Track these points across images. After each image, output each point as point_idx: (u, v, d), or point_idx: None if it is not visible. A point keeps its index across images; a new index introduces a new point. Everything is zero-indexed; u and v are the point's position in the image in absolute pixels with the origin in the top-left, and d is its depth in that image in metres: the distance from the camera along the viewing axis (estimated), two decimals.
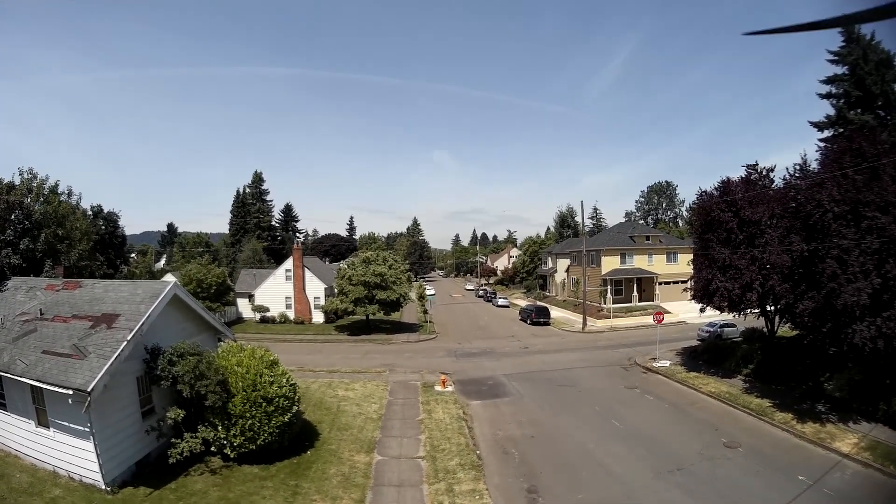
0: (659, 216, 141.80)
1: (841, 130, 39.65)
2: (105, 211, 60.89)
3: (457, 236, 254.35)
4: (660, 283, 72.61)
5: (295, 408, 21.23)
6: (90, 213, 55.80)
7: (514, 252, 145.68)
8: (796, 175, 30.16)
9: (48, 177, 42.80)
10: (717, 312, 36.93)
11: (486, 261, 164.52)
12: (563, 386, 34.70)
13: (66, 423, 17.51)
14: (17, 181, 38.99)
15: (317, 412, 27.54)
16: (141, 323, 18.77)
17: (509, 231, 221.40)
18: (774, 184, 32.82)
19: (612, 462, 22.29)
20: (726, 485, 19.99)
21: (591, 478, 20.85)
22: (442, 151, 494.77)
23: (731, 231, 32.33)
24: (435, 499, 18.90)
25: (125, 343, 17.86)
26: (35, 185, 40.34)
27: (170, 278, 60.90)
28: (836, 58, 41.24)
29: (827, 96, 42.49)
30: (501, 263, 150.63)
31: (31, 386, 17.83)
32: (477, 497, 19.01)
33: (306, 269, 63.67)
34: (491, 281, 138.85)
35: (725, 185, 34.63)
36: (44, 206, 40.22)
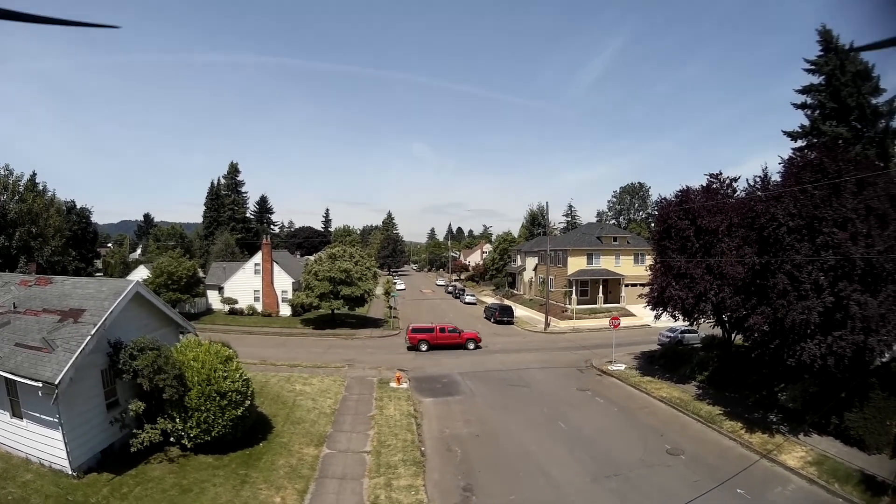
0: (631, 217, 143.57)
1: (814, 141, 39.46)
2: (78, 207, 61.83)
3: (432, 230, 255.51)
4: (626, 285, 73.16)
5: (248, 402, 22.52)
6: (64, 207, 56.76)
7: (487, 248, 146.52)
8: (757, 186, 30.15)
9: (23, 174, 43.75)
10: (674, 319, 37.46)
11: (459, 256, 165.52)
12: (516, 386, 35.81)
13: (38, 414, 18.76)
14: None
15: (273, 406, 28.80)
16: (104, 318, 20.01)
17: (485, 226, 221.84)
18: (737, 194, 33.27)
19: (551, 464, 23.25)
20: (661, 493, 20.58)
21: (527, 479, 21.91)
22: (421, 144, 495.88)
23: (687, 239, 33.07)
24: (373, 492, 20.26)
25: (89, 337, 19.11)
26: (11, 181, 41.13)
27: (142, 270, 62.04)
28: (812, 67, 41.24)
29: (802, 106, 42.45)
30: (475, 259, 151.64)
31: (6, 378, 19.03)
32: (413, 492, 20.31)
33: (275, 264, 64.80)
34: (462, 277, 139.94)
35: (684, 194, 35.31)
36: (19, 205, 40.99)
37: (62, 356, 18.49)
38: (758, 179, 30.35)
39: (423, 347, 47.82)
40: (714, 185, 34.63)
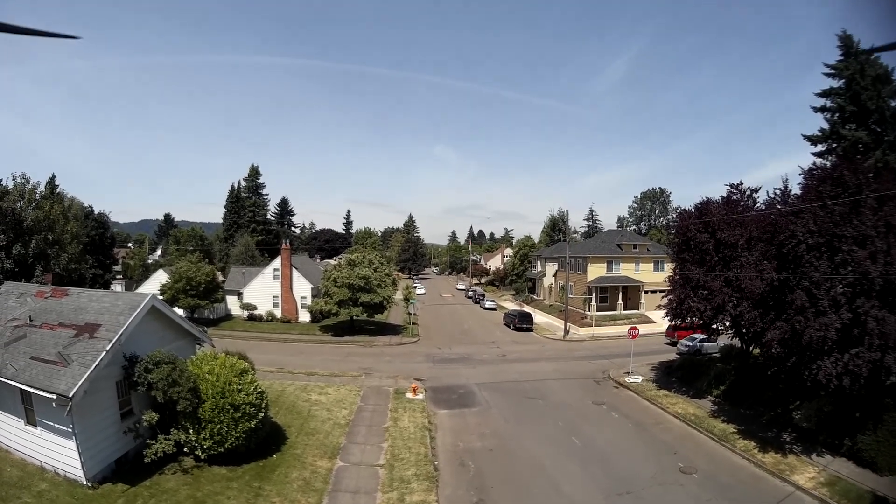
0: (652, 222, 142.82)
1: (834, 146, 39.46)
2: (96, 213, 62.65)
3: (453, 233, 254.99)
4: (646, 292, 72.63)
5: (261, 414, 22.53)
6: (82, 212, 57.56)
7: (508, 252, 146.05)
8: (777, 199, 29.80)
9: (39, 182, 44.49)
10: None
11: (480, 260, 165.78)
12: (532, 398, 35.44)
13: (52, 423, 18.93)
14: (10, 185, 40.53)
15: (288, 416, 28.84)
16: (119, 333, 20.10)
17: (506, 229, 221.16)
18: (757, 205, 32.79)
19: (563, 480, 22.95)
20: None
21: (539, 495, 21.68)
22: (443, 146, 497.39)
23: (706, 252, 32.68)
24: None
25: (104, 353, 19.21)
26: (27, 189, 41.71)
27: (161, 274, 62.54)
28: (832, 71, 41.06)
29: (821, 110, 42.16)
30: (495, 263, 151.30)
31: (21, 389, 19.27)
32: None
33: (294, 269, 65.08)
34: (482, 281, 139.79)
35: (704, 206, 34.86)
36: (35, 213, 41.46)
37: (77, 370, 18.63)
38: (778, 192, 29.93)
39: None
40: (734, 196, 34.08)
